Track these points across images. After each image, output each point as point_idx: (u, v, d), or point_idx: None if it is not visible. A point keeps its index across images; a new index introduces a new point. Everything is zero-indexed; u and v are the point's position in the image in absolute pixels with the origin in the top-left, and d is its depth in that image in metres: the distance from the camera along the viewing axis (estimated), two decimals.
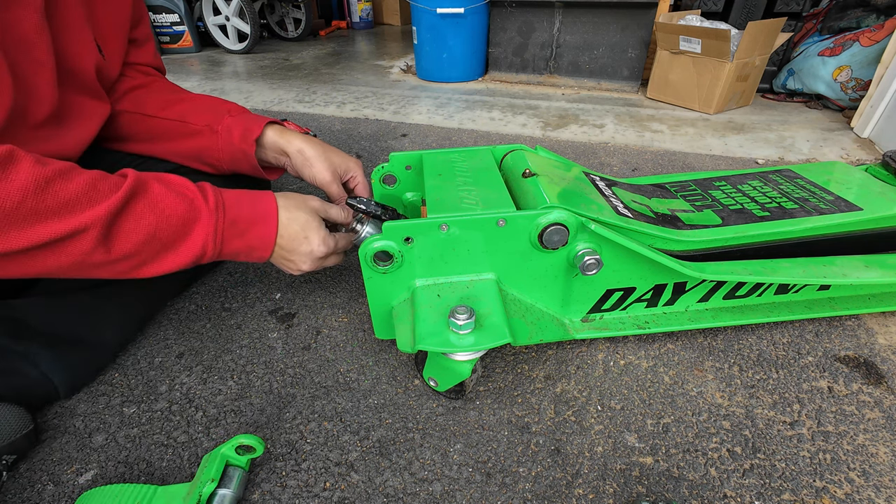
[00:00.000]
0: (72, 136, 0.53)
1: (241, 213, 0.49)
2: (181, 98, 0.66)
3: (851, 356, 0.58)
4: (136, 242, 0.43)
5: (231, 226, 0.48)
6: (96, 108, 0.57)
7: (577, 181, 0.60)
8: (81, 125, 0.54)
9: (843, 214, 0.60)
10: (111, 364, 0.57)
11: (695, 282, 0.57)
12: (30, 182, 0.36)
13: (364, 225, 0.57)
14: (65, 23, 0.51)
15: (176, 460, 0.47)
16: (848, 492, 0.44)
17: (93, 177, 0.41)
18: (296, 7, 2.86)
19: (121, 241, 0.42)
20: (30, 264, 0.39)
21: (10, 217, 0.36)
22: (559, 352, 0.59)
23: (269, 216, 0.51)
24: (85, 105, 0.55)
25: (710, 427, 0.50)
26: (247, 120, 0.63)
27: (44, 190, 0.37)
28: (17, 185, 0.36)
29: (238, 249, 0.49)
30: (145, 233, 0.43)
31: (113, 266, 0.43)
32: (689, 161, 1.16)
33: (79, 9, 0.53)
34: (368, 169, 1.10)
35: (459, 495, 0.44)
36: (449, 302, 0.48)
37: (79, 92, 0.54)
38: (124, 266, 0.44)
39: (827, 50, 1.45)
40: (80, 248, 0.40)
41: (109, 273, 0.44)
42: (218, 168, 0.66)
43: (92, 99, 0.56)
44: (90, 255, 0.41)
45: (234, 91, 1.80)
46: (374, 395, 0.53)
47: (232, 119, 0.63)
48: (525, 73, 1.91)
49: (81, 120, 0.54)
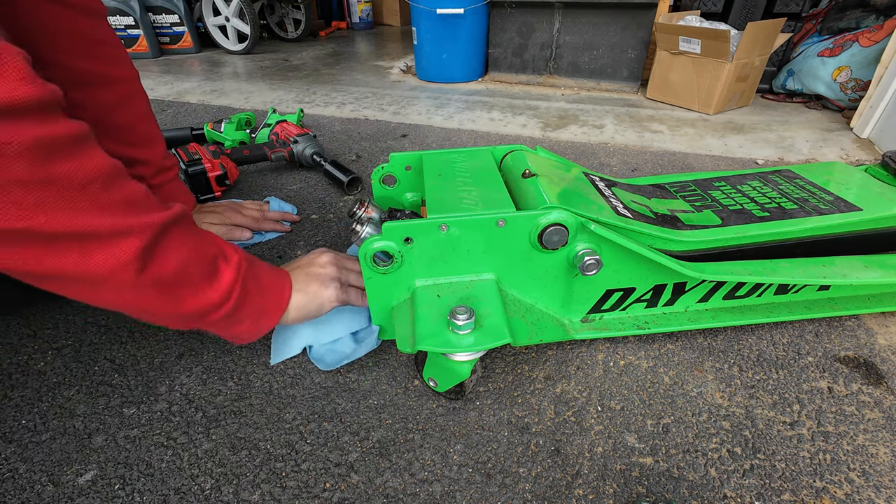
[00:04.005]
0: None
1: (262, 269, 0.48)
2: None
3: (851, 356, 0.58)
4: (172, 270, 0.39)
5: (253, 278, 0.46)
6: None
7: (577, 181, 0.60)
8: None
9: (843, 215, 0.60)
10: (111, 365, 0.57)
11: (694, 282, 0.57)
12: (106, 168, 0.34)
13: (364, 225, 0.57)
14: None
15: (176, 461, 0.47)
16: (848, 492, 0.44)
17: (145, 188, 0.38)
18: (295, 8, 2.86)
19: (158, 262, 0.38)
20: (43, 257, 0.33)
21: (70, 196, 0.32)
22: (559, 352, 0.59)
23: (285, 282, 0.50)
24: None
25: (710, 427, 0.50)
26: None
27: (113, 180, 0.34)
28: (94, 165, 0.33)
29: (253, 309, 0.46)
30: (182, 259, 0.39)
31: (136, 292, 0.38)
32: (688, 161, 1.16)
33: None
34: (368, 169, 1.10)
35: (459, 496, 0.44)
36: (449, 302, 0.48)
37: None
38: (148, 296, 0.38)
39: (826, 50, 1.45)
40: (115, 253, 0.35)
41: (125, 300, 0.38)
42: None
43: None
44: (121, 269, 0.35)
45: (235, 91, 1.80)
46: (374, 396, 0.53)
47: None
48: (525, 74, 1.91)
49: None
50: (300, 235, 0.83)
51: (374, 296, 0.52)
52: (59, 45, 0.57)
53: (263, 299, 0.47)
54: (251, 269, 0.46)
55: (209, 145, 1.00)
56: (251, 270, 0.46)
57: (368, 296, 0.52)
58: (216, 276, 0.43)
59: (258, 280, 0.47)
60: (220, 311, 0.43)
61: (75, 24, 0.58)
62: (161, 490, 0.44)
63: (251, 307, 0.46)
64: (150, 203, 0.38)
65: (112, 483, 0.45)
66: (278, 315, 0.49)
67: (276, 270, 0.51)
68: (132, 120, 0.67)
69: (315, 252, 0.57)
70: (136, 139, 0.68)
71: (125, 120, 0.66)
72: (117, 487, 0.44)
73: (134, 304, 0.39)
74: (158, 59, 2.43)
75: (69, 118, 0.34)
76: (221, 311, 0.43)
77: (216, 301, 0.42)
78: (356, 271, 0.57)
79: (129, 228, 0.35)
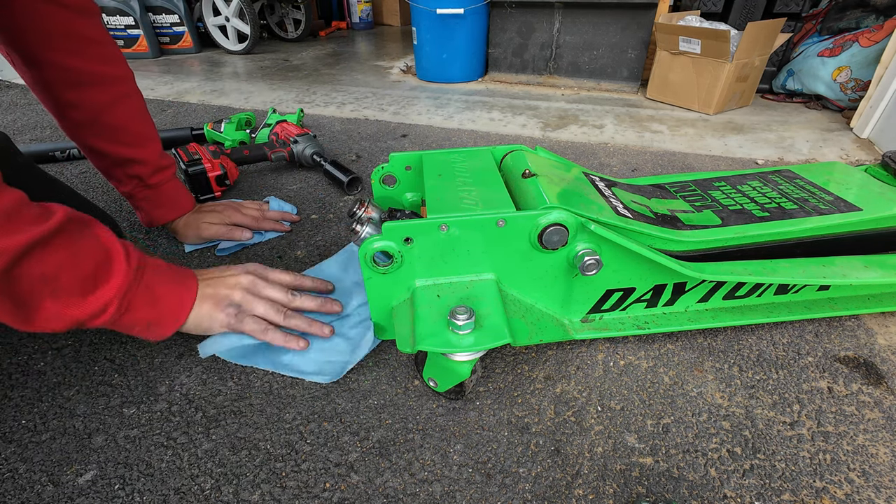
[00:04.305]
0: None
1: (161, 281, 0.48)
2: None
3: (851, 356, 0.58)
4: (27, 288, 0.38)
5: (145, 290, 0.46)
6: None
7: (577, 181, 0.60)
8: None
9: (843, 215, 0.60)
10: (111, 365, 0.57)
11: (694, 282, 0.57)
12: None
13: (364, 225, 0.57)
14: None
15: (176, 461, 0.47)
16: (848, 492, 0.44)
17: (16, 199, 0.37)
18: (296, 8, 2.86)
19: (12, 280, 0.37)
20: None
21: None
22: (559, 352, 0.59)
23: (186, 296, 0.50)
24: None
25: (710, 427, 0.50)
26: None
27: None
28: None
29: (140, 320, 0.46)
30: (44, 275, 0.39)
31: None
32: (688, 161, 1.16)
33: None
34: (368, 169, 1.10)
35: (459, 496, 0.44)
36: (449, 302, 0.48)
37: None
38: (5, 306, 0.38)
39: (826, 50, 1.45)
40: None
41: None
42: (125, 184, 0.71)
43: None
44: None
45: (235, 92, 1.80)
46: (374, 396, 0.53)
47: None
48: (525, 74, 1.91)
49: None
50: (300, 235, 0.83)
51: (374, 296, 0.52)
52: (53, 45, 0.57)
53: (154, 311, 0.47)
54: (142, 282, 0.46)
55: (209, 145, 1.00)
56: (141, 284, 0.46)
57: (368, 296, 0.52)
58: (92, 291, 0.42)
59: (150, 293, 0.46)
60: (94, 321, 0.43)
61: (70, 23, 0.58)
62: (161, 490, 0.44)
63: (137, 318, 0.46)
64: (17, 219, 0.37)
65: (112, 483, 0.45)
66: (173, 327, 0.49)
67: (182, 282, 0.51)
68: (127, 119, 0.67)
69: (239, 267, 0.57)
70: (132, 139, 0.68)
71: (120, 119, 0.66)
72: (117, 487, 0.44)
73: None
74: (158, 59, 2.43)
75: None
76: (96, 321, 0.43)
77: (88, 314, 0.42)
78: (269, 300, 0.55)
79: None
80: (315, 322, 0.57)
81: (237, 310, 0.53)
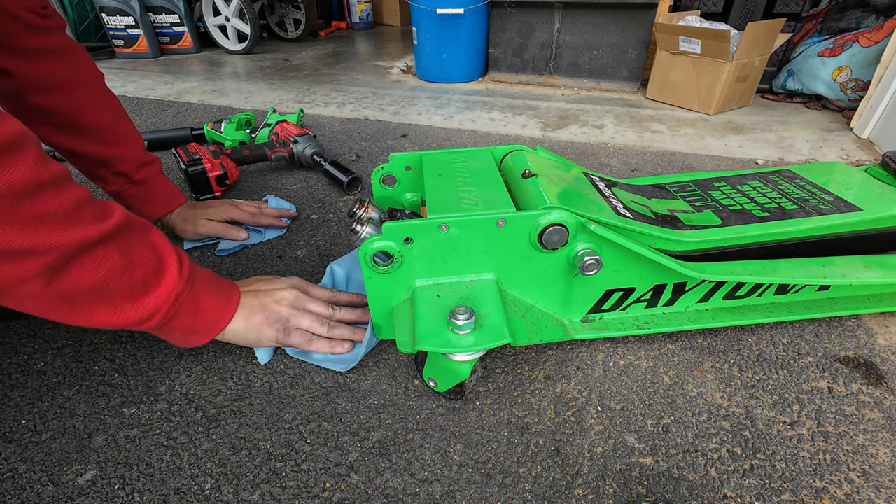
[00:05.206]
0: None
1: (206, 291, 0.48)
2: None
3: (851, 356, 0.58)
4: (84, 288, 0.38)
5: (191, 301, 0.46)
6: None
7: (577, 181, 0.60)
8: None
9: (843, 215, 0.60)
10: (111, 365, 0.57)
11: (694, 282, 0.57)
12: (18, 182, 0.33)
13: (364, 225, 0.57)
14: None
15: (176, 461, 0.47)
16: (848, 492, 0.44)
17: (80, 197, 0.38)
18: (296, 7, 2.86)
19: (68, 279, 0.37)
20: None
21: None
22: (559, 352, 0.59)
23: (228, 307, 0.51)
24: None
25: (710, 427, 0.50)
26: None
27: (29, 196, 0.33)
28: (6, 181, 0.32)
29: (181, 327, 0.47)
30: (99, 279, 0.39)
31: (41, 303, 0.37)
32: (688, 161, 1.16)
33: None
34: (368, 169, 1.10)
35: (459, 496, 0.44)
36: (449, 302, 0.48)
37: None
38: (55, 307, 0.38)
39: (826, 50, 1.45)
40: (16, 270, 0.34)
41: (29, 308, 0.38)
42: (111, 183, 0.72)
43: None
44: (22, 283, 0.35)
45: (235, 92, 1.80)
46: (374, 396, 0.53)
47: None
48: (525, 74, 1.91)
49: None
50: (300, 235, 0.83)
51: (374, 296, 0.52)
52: (19, 55, 0.59)
53: (195, 321, 0.48)
54: (190, 292, 0.46)
55: (209, 145, 1.00)
56: (190, 293, 0.46)
57: (369, 296, 0.52)
58: (142, 296, 0.43)
59: (196, 303, 0.47)
60: (139, 327, 0.44)
61: (36, 41, 0.59)
62: (161, 490, 0.44)
63: (179, 325, 0.47)
64: (76, 218, 0.37)
65: (112, 483, 0.45)
66: (209, 337, 0.50)
67: (226, 292, 0.51)
68: (104, 120, 0.69)
69: (283, 282, 0.57)
70: (113, 138, 0.70)
71: (98, 121, 0.68)
72: (117, 487, 0.44)
73: (40, 313, 0.39)
74: (158, 59, 2.43)
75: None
76: (142, 327, 0.44)
77: (135, 319, 0.43)
78: (313, 314, 0.56)
79: (31, 248, 0.34)
80: (358, 330, 0.59)
81: (284, 325, 0.54)
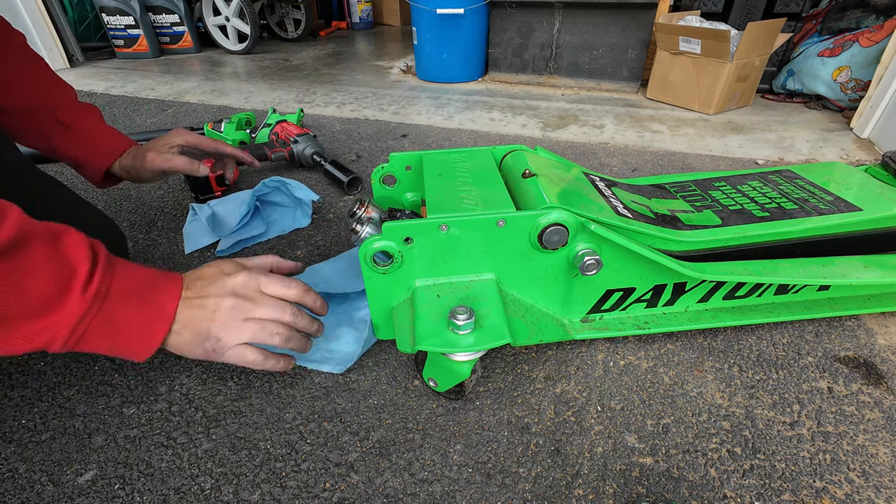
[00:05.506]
0: None
1: (128, 309, 0.40)
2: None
3: (851, 356, 0.58)
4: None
5: (103, 323, 0.39)
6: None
7: (577, 181, 0.60)
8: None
9: (843, 215, 0.60)
10: (111, 365, 0.57)
11: (694, 282, 0.57)
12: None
13: (364, 225, 0.57)
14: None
15: (176, 461, 0.47)
16: (848, 492, 0.44)
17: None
18: (296, 7, 2.86)
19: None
20: None
21: None
22: (559, 352, 0.59)
23: (158, 326, 0.42)
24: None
25: (710, 427, 0.50)
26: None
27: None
28: None
29: (101, 346, 0.40)
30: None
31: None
32: (688, 161, 1.16)
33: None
34: (368, 169, 1.10)
35: (459, 496, 0.44)
36: (449, 302, 0.48)
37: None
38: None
39: (826, 50, 1.45)
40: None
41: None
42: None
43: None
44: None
45: (235, 91, 1.80)
46: (374, 396, 0.53)
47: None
48: (525, 74, 1.91)
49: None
50: (300, 235, 0.83)
51: (374, 296, 0.52)
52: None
53: (115, 342, 0.40)
54: (100, 312, 0.39)
55: None
56: (100, 314, 0.39)
57: (369, 296, 0.52)
58: (34, 321, 0.36)
59: (108, 323, 0.39)
60: (38, 349, 0.38)
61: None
62: (161, 490, 0.44)
63: (94, 347, 0.40)
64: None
65: (112, 483, 0.45)
66: (143, 356, 0.42)
67: (156, 306, 0.42)
68: (27, 68, 0.64)
69: (229, 282, 0.46)
70: (38, 84, 0.64)
71: (19, 69, 0.62)
72: (117, 487, 0.44)
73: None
74: (158, 59, 2.43)
75: None
76: (43, 349, 0.38)
77: (25, 349, 0.37)
78: (261, 321, 0.46)
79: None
80: (315, 320, 0.51)
81: (214, 345, 0.44)
